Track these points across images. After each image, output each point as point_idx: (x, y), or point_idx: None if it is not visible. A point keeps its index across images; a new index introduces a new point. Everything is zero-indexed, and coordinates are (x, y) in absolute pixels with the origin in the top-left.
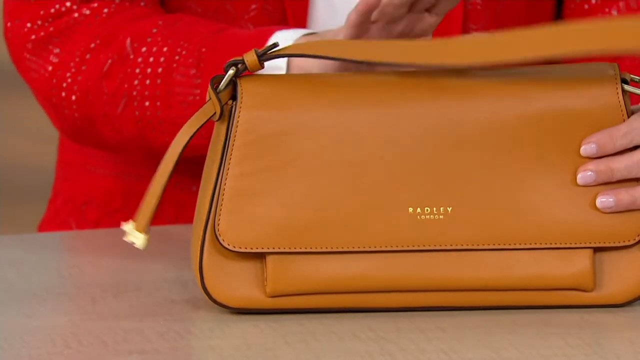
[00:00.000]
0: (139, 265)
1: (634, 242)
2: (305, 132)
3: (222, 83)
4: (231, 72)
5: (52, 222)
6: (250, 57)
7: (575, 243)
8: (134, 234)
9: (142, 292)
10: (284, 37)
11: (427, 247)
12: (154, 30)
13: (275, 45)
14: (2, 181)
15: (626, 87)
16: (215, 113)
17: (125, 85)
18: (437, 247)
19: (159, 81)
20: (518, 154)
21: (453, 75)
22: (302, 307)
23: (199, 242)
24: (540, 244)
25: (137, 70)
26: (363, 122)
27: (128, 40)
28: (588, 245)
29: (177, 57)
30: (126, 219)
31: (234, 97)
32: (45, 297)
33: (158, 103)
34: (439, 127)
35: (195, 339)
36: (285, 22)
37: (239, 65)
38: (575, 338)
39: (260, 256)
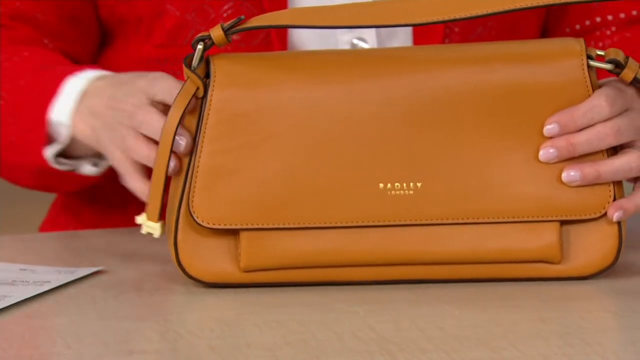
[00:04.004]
0: (140, 266)
1: (600, 215)
2: (277, 110)
3: (194, 59)
4: (200, 47)
5: (52, 224)
6: (216, 32)
7: (542, 217)
8: (148, 225)
9: (142, 292)
10: (73, 83)
11: (397, 222)
12: None
13: (240, 19)
14: (2, 182)
15: (592, 62)
16: (198, 89)
17: None
18: (408, 222)
19: None
20: (486, 129)
21: (423, 52)
22: (275, 281)
23: (174, 218)
24: (508, 218)
25: None
26: (334, 99)
27: None
28: (555, 218)
29: (1, 102)
30: (123, 221)
31: (207, 75)
32: (45, 297)
33: None
34: (409, 104)
35: (195, 339)
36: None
37: (207, 41)
38: (575, 338)
39: (234, 232)
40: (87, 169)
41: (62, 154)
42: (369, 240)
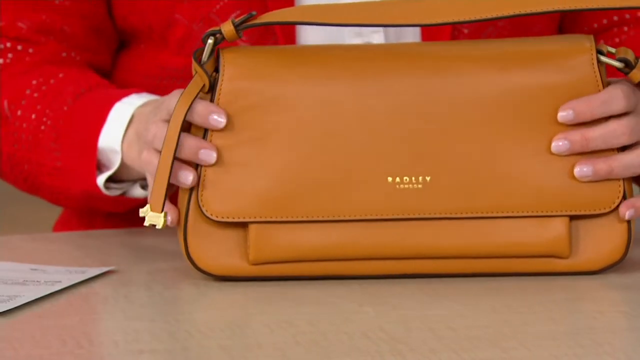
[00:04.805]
0: (150, 265)
1: (610, 210)
2: (286, 104)
3: (204, 54)
4: (210, 42)
5: (65, 226)
6: (227, 27)
7: (552, 211)
8: (151, 216)
9: (153, 291)
10: (120, 110)
11: (406, 216)
12: (27, 92)
13: (251, 14)
14: None
15: (602, 58)
16: (204, 85)
17: (8, 148)
18: (416, 216)
19: (29, 149)
20: (496, 124)
21: (431, 47)
22: (284, 274)
23: (184, 212)
24: (517, 212)
25: (15, 134)
26: (343, 94)
27: (5, 103)
28: (564, 213)
29: (42, 127)
30: (135, 225)
31: (216, 69)
32: (56, 297)
33: (33, 168)
34: (418, 98)
35: (206, 338)
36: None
37: (217, 35)
38: (586, 338)
39: (243, 225)
40: (138, 192)
41: (111, 179)
42: (377, 234)
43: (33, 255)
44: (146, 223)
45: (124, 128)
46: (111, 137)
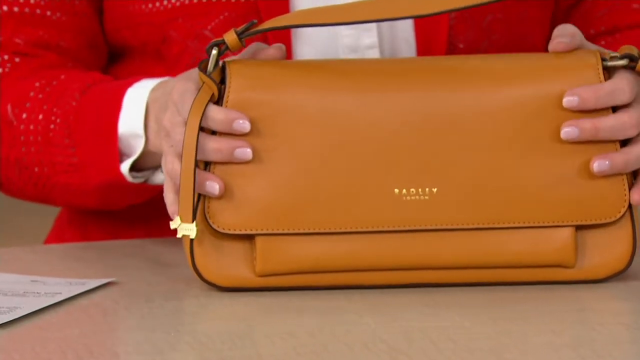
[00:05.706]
0: (151, 277)
1: (615, 219)
2: (293, 115)
3: (209, 65)
4: (214, 52)
5: (58, 237)
6: (230, 37)
7: (558, 221)
8: (183, 227)
9: (153, 303)
10: (135, 94)
11: (412, 227)
12: (31, 94)
13: (252, 22)
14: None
15: (606, 63)
16: (213, 95)
17: (15, 152)
18: (423, 227)
19: (40, 150)
20: (501, 136)
21: (438, 61)
22: (290, 285)
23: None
24: (524, 222)
25: (22, 138)
26: (350, 106)
27: (9, 107)
28: (570, 223)
29: (52, 126)
30: (130, 237)
31: (222, 81)
32: (56, 309)
33: (45, 169)
34: (424, 109)
35: (206, 350)
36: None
37: (221, 46)
38: (587, 349)
39: (249, 236)
40: (160, 178)
41: (130, 168)
42: (384, 245)
43: (33, 267)
44: (179, 235)
45: (143, 110)
46: (131, 122)
